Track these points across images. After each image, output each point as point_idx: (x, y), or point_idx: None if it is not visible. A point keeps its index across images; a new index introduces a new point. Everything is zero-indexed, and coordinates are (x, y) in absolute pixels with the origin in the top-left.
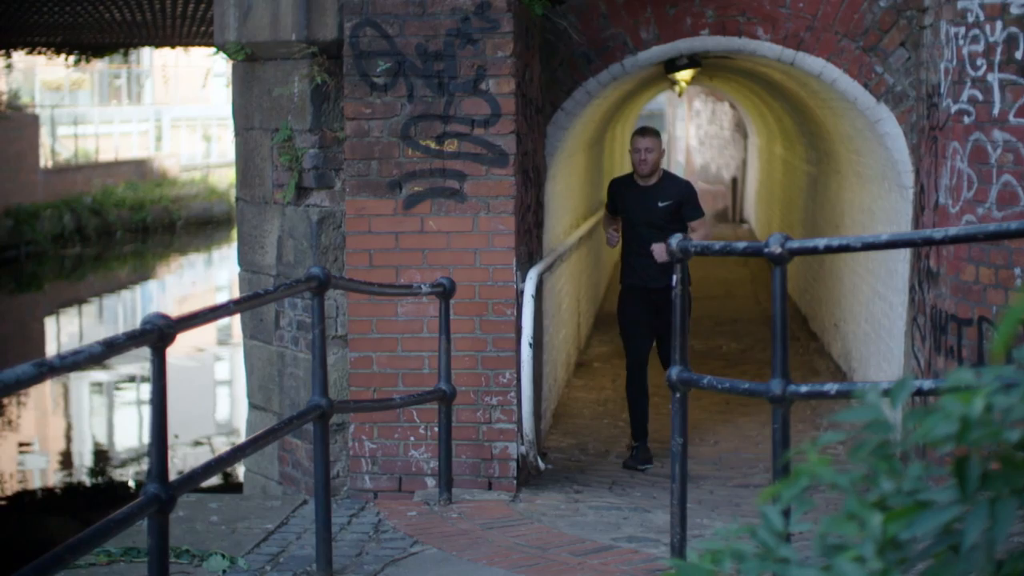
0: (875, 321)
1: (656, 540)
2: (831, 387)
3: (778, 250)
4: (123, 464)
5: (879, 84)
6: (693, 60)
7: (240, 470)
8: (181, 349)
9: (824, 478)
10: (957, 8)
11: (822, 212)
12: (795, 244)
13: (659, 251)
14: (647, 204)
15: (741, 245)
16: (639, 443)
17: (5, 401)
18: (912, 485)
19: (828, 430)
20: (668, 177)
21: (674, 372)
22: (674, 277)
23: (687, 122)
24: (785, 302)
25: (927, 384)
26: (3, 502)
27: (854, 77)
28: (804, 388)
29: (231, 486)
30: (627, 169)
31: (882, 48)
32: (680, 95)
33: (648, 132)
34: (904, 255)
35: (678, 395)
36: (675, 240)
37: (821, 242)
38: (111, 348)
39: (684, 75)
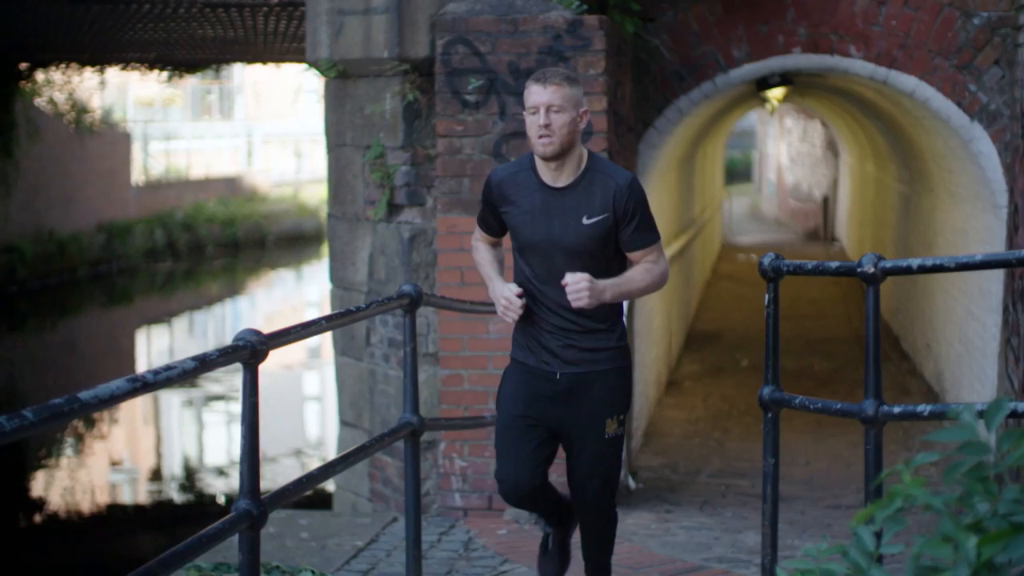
0: (968, 342)
1: (747, 561)
2: (924, 408)
3: (871, 270)
4: (213, 480)
5: (973, 102)
6: (785, 78)
7: (330, 487)
8: (270, 365)
9: (918, 499)
10: None
11: (914, 231)
12: (888, 264)
13: (578, 283)
14: (561, 220)
15: (834, 265)
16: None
17: (96, 416)
18: (1007, 508)
19: (921, 451)
20: (597, 169)
21: (766, 392)
22: (766, 296)
23: (778, 140)
24: (878, 322)
25: (1022, 406)
26: (95, 517)
27: (947, 95)
28: (897, 409)
29: (321, 502)
30: (709, 184)
31: (976, 66)
32: (772, 113)
33: (553, 77)
34: (998, 275)
35: (770, 415)
36: (768, 259)
37: (915, 262)
38: (204, 364)
39: (776, 93)
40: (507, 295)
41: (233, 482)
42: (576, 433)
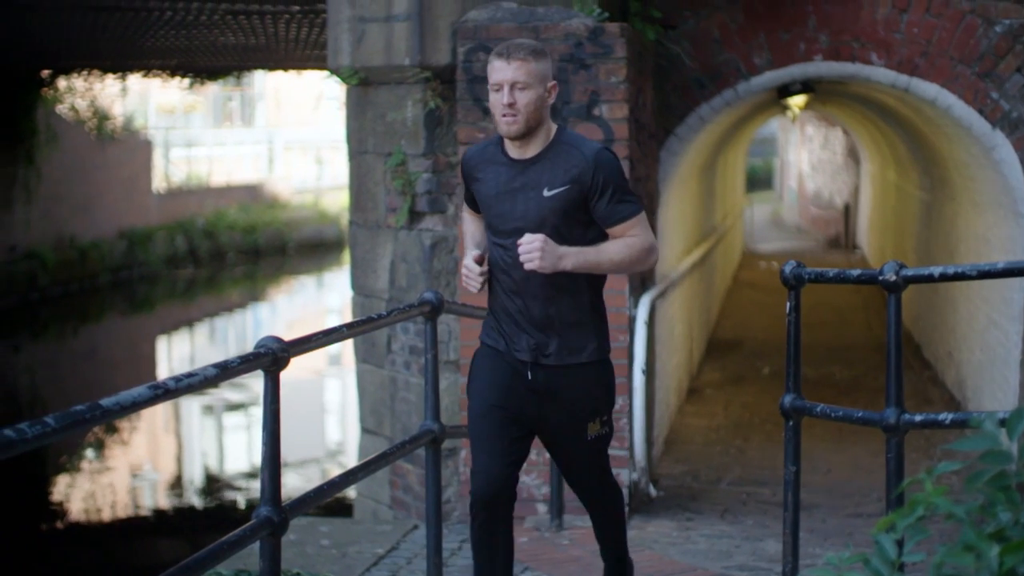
0: (990, 350)
1: (768, 569)
2: (946, 416)
3: (893, 278)
4: (233, 486)
5: (994, 110)
6: (806, 86)
7: (351, 494)
8: (292, 372)
9: (940, 508)
10: None
11: (936, 239)
12: (910, 272)
13: (531, 243)
14: (524, 193)
15: (855, 272)
16: None
17: (117, 422)
18: None
19: (943, 459)
20: (563, 141)
21: (787, 400)
22: (788, 304)
23: (800, 148)
24: (900, 330)
25: None
26: (115, 524)
27: (969, 103)
28: (919, 417)
29: (342, 510)
30: (730, 192)
31: (998, 74)
32: (793, 121)
33: (517, 52)
34: (1020, 283)
35: (791, 423)
36: (789, 267)
37: (936, 270)
38: (225, 371)
39: (797, 100)
40: (466, 262)
41: (253, 489)
42: (556, 438)
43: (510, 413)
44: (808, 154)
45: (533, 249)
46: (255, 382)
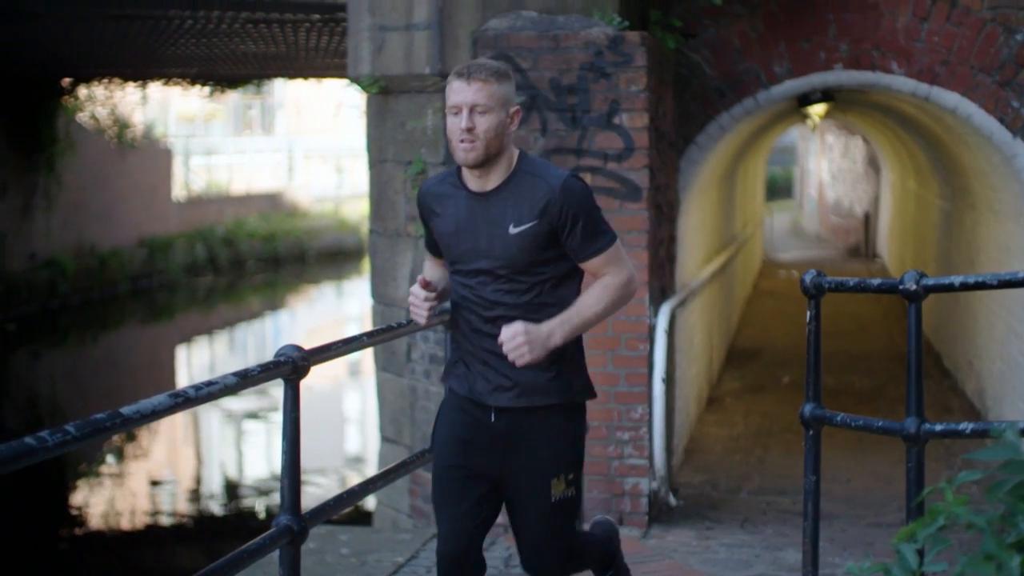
0: (1011, 359)
1: None
2: (966, 426)
3: (913, 287)
4: (253, 494)
5: (1015, 119)
6: (826, 94)
7: (371, 503)
8: (312, 380)
9: (961, 517)
10: None
11: (956, 248)
12: (930, 281)
13: (514, 338)
14: (488, 230)
15: (876, 282)
16: None
17: (136, 430)
18: None
19: (963, 469)
20: (527, 170)
21: (807, 409)
22: (808, 314)
23: (819, 156)
24: (920, 339)
25: None
26: (135, 532)
27: (990, 112)
28: (939, 427)
29: (362, 518)
30: (750, 201)
31: (1019, 82)
32: (813, 130)
33: (478, 72)
34: None
35: (811, 432)
36: (809, 276)
37: (957, 279)
38: (245, 379)
39: (817, 109)
40: (413, 288)
41: (273, 497)
42: (516, 494)
43: (472, 471)
44: (828, 163)
45: (518, 345)
46: (275, 390)
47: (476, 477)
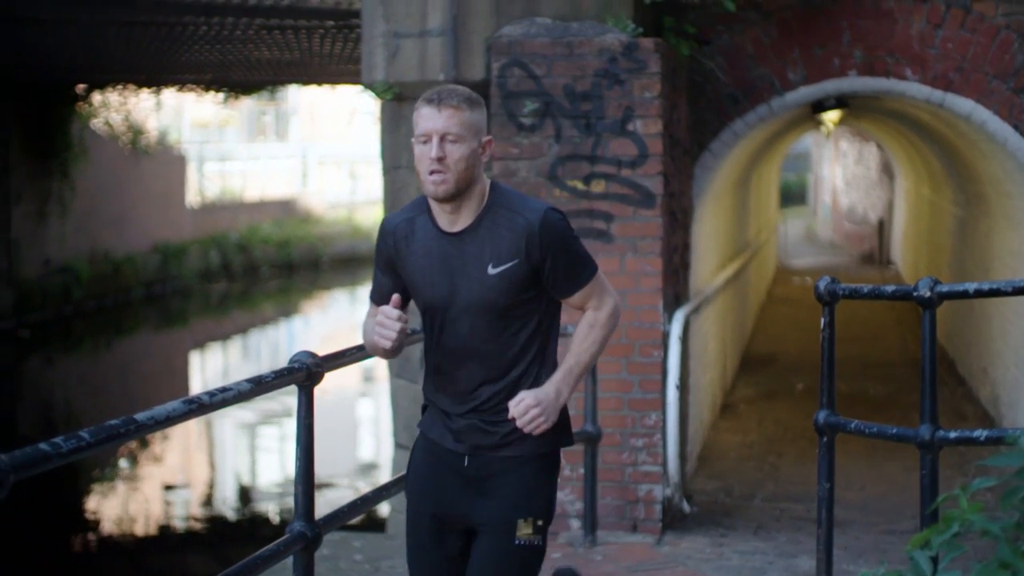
0: None
1: None
2: (980, 433)
3: (927, 294)
4: (266, 500)
5: None
6: (840, 101)
7: (384, 509)
8: (325, 386)
9: (975, 524)
10: None
11: (970, 255)
12: (945, 288)
13: (527, 412)
14: (464, 272)
15: (890, 289)
16: None
17: (149, 436)
18: None
19: (977, 476)
20: (502, 204)
21: (821, 416)
22: (822, 320)
23: (833, 163)
24: (934, 346)
25: None
26: (148, 537)
27: (1004, 119)
28: (953, 434)
29: (375, 525)
30: (764, 207)
31: None
32: (827, 136)
33: (449, 98)
34: None
35: (825, 439)
36: (823, 283)
37: (971, 286)
38: (259, 386)
39: (831, 116)
40: (384, 309)
41: (287, 503)
42: (479, 532)
43: (445, 523)
44: (842, 169)
45: (534, 417)
46: (289, 396)
47: (450, 529)
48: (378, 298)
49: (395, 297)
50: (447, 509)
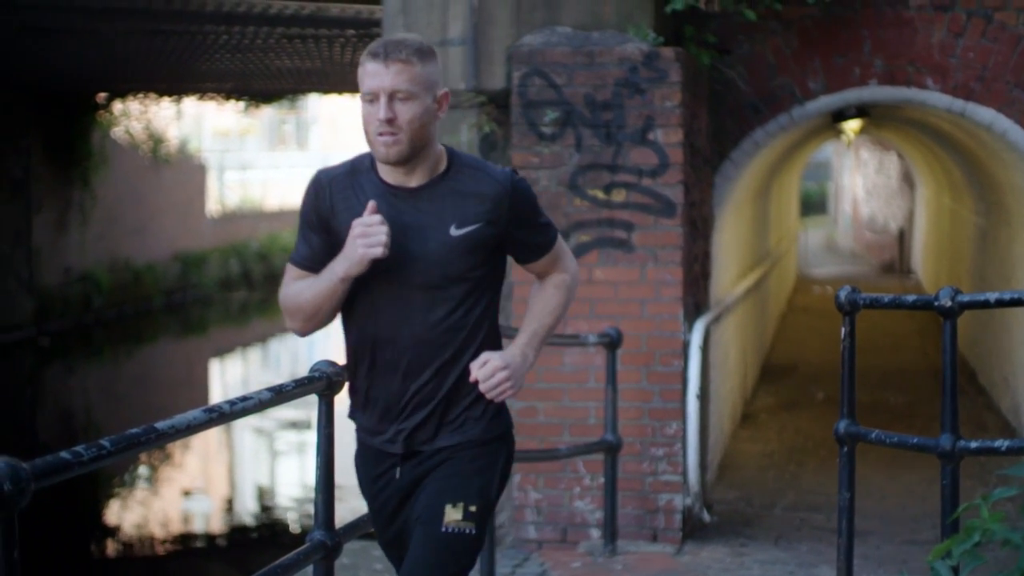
0: None
1: None
2: (1002, 443)
3: (948, 303)
4: (286, 509)
5: None
6: (861, 110)
7: None
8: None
9: (996, 534)
10: None
11: (991, 264)
12: (966, 298)
13: (493, 374)
14: (420, 233)
15: (911, 298)
16: None
17: (169, 444)
18: None
19: (998, 486)
20: (462, 162)
21: (842, 426)
22: (842, 330)
23: (854, 172)
24: (955, 356)
25: None
26: (168, 546)
27: None
28: (974, 444)
29: None
30: (785, 217)
31: None
32: (848, 145)
33: (397, 51)
34: None
35: (845, 449)
36: (844, 293)
37: (992, 296)
38: (280, 395)
39: (852, 125)
40: (365, 219)
41: (307, 511)
42: (411, 523)
43: (401, 544)
44: (863, 179)
45: (501, 381)
46: (310, 404)
47: (395, 525)
48: (306, 262)
49: (371, 203)
50: (402, 532)
